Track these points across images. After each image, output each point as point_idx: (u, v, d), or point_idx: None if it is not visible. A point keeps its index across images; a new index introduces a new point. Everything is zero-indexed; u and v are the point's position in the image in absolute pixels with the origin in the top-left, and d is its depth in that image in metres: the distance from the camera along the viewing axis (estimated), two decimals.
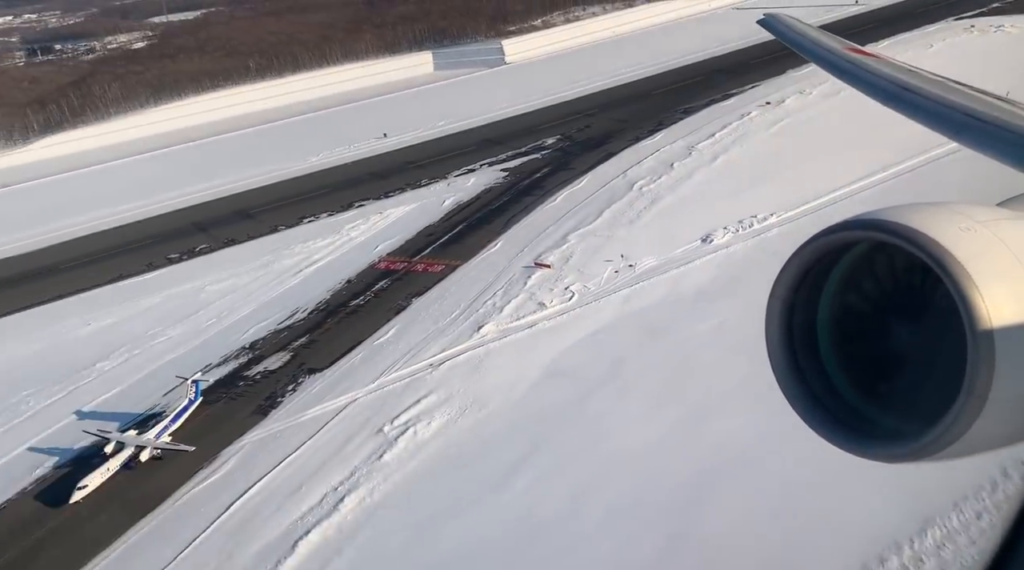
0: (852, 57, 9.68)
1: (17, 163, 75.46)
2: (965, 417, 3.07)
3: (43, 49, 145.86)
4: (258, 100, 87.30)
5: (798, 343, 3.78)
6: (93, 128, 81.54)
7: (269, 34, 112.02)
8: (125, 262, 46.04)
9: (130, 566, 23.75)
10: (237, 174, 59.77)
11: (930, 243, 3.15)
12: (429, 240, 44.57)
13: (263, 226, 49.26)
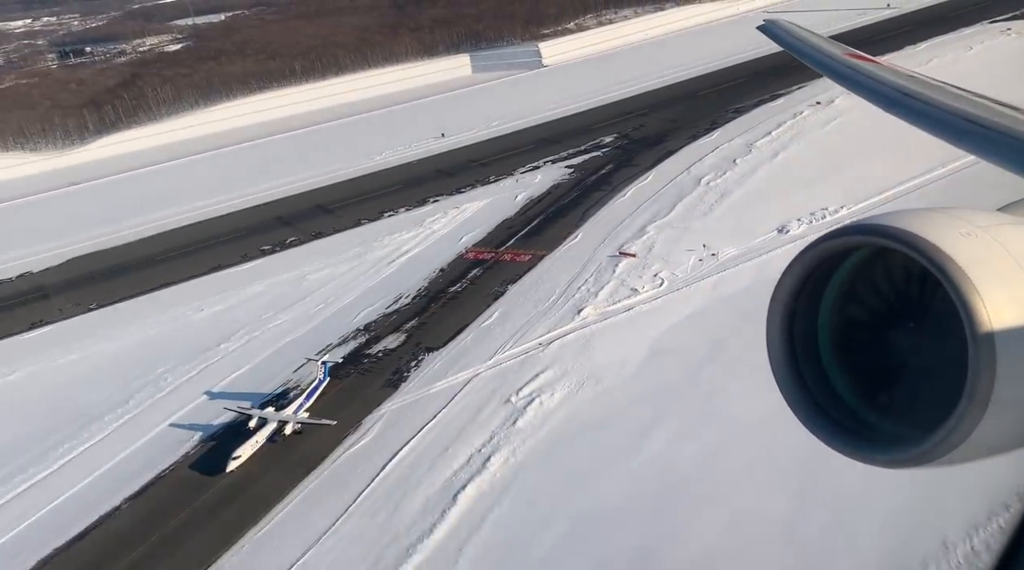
0: (852, 63, 9.83)
1: (76, 162, 78.40)
2: (967, 422, 3.07)
3: (75, 51, 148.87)
4: (304, 102, 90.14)
5: (799, 348, 3.82)
6: (147, 128, 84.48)
7: (307, 37, 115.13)
8: (220, 253, 49.02)
9: (307, 518, 26.62)
10: (305, 172, 62.75)
11: (931, 248, 3.16)
12: (510, 232, 47.55)
13: (345, 220, 52.26)
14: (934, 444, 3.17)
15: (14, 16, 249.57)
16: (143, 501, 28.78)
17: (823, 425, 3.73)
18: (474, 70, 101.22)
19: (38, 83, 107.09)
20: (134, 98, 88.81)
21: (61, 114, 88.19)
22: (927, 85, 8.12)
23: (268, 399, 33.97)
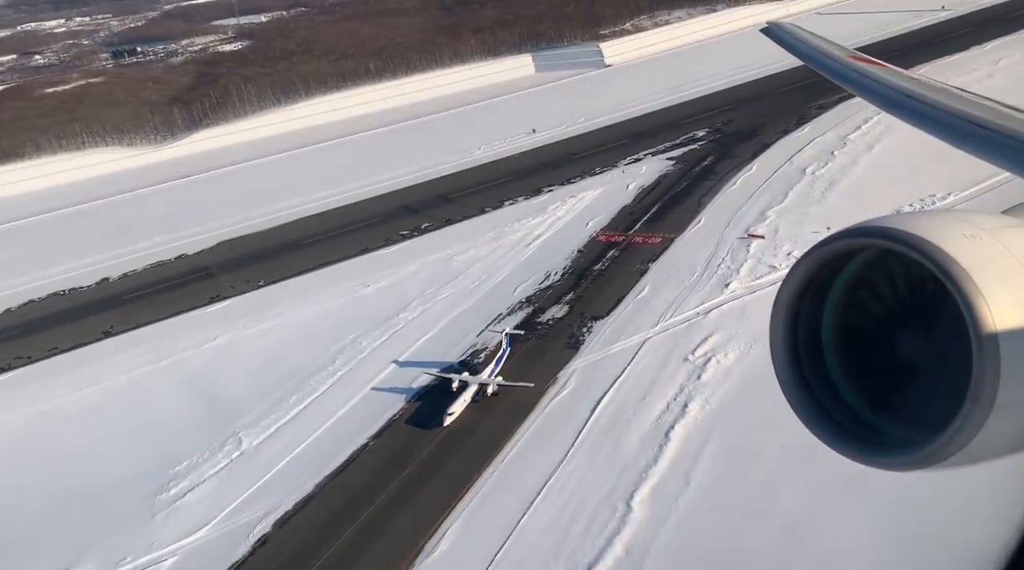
0: (855, 65, 9.94)
1: (172, 157, 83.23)
2: (971, 425, 3.12)
3: (128, 51, 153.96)
4: (376, 101, 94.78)
5: (803, 351, 3.86)
6: (234, 125, 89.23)
7: (369, 38, 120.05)
8: (363, 238, 53.74)
9: (538, 452, 31.29)
10: (411, 165, 67.44)
11: (935, 251, 3.21)
12: (632, 218, 52.27)
13: (468, 208, 57.00)
14: (939, 447, 3.21)
15: (45, 16, 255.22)
16: (380, 445, 33.43)
17: (826, 428, 3.78)
18: (537, 69, 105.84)
19: (114, 82, 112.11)
20: (219, 95, 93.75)
21: (149, 111, 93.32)
22: (930, 87, 8.27)
23: (453, 367, 38.38)
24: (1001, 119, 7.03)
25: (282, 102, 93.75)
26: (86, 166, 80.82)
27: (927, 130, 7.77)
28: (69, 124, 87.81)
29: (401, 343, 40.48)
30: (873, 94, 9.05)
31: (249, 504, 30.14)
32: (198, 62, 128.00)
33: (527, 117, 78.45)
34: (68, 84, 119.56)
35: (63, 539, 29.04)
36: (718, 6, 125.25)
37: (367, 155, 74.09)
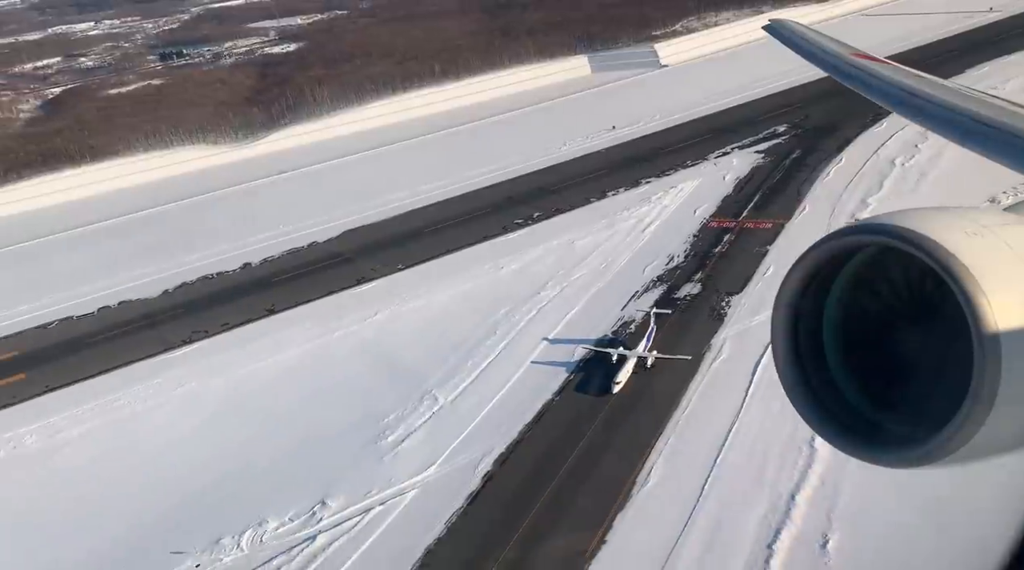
0: (858, 62, 10.08)
1: (256, 154, 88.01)
2: (972, 421, 3.18)
3: (176, 54, 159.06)
4: (441, 101, 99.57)
5: (804, 348, 3.93)
6: (311, 124, 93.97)
7: (422, 41, 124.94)
8: (481, 226, 58.37)
9: (713, 405, 35.86)
10: (502, 160, 72.14)
11: (936, 248, 3.27)
12: (737, 206, 56.98)
13: (573, 199, 61.64)
14: (939, 443, 3.29)
15: (72, 19, 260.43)
16: (561, 403, 37.90)
17: (828, 425, 3.86)
18: (593, 70, 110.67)
19: (179, 83, 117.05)
20: (295, 96, 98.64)
21: (228, 111, 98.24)
22: (933, 84, 8.38)
23: (606, 341, 42.66)
24: (1005, 116, 7.10)
25: (354, 102, 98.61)
26: (177, 163, 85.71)
27: (931, 127, 7.90)
28: (154, 124, 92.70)
29: (549, 318, 45.09)
30: (877, 92, 9.19)
31: (464, 447, 34.77)
32: (254, 64, 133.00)
33: (600, 115, 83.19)
34: (128, 86, 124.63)
35: (309, 477, 33.66)
36: (763, 8, 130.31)
37: (454, 152, 78.82)
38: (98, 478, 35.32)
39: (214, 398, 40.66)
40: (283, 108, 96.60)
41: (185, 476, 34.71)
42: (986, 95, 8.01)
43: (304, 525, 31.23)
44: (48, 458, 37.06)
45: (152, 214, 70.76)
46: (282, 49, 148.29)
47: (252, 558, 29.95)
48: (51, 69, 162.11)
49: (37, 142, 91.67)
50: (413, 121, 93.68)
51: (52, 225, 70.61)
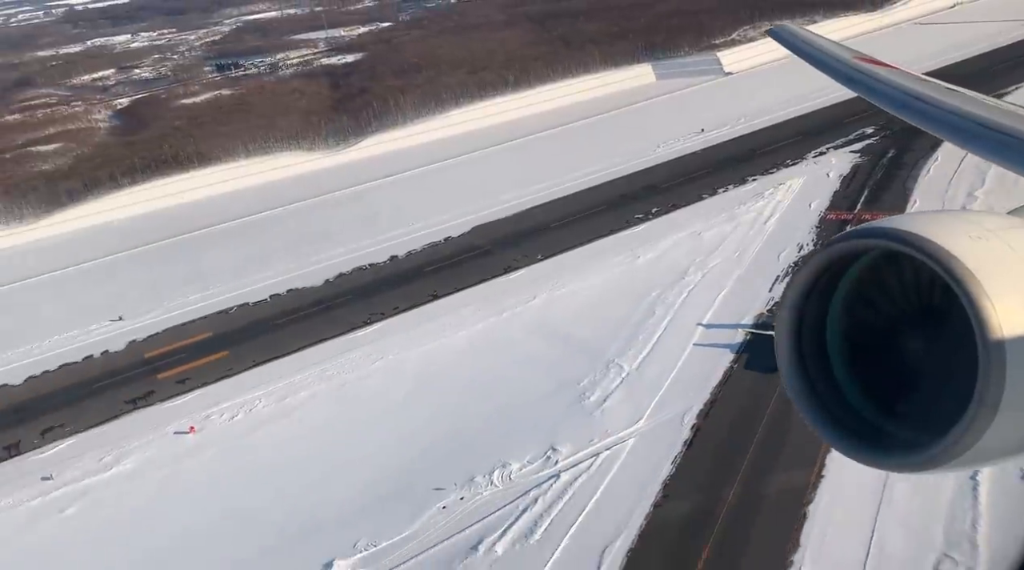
0: (861, 66, 10.42)
1: (350, 160, 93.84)
2: (977, 427, 3.27)
3: (233, 65, 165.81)
4: (515, 109, 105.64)
5: (807, 352, 4.09)
6: (398, 131, 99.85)
7: (486, 52, 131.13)
8: (603, 221, 63.53)
9: None
10: (603, 162, 77.65)
11: (940, 252, 3.35)
12: (848, 200, 62.40)
13: (687, 195, 67.05)
14: (944, 448, 3.39)
15: (106, 32, 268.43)
16: (737, 376, 42.91)
17: (832, 429, 4.00)
18: (658, 78, 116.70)
19: (255, 93, 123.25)
20: (379, 104, 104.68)
21: (312, 119, 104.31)
22: (937, 88, 8.66)
23: (762, 323, 47.74)
24: (1009, 120, 7.28)
25: (436, 110, 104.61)
26: (280, 167, 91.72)
27: (934, 131, 8.02)
28: (248, 131, 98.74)
29: (700, 300, 50.34)
30: (879, 95, 9.42)
31: (664, 405, 39.98)
32: (316, 74, 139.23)
33: (683, 119, 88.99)
34: (198, 96, 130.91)
35: (530, 431, 38.92)
36: (816, 17, 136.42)
37: (550, 155, 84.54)
38: (337, 432, 40.66)
39: (412, 369, 45.99)
40: (369, 116, 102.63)
41: (416, 431, 40.02)
42: (990, 99, 8.23)
43: (543, 466, 36.50)
44: (285, 417, 42.46)
45: (271, 215, 76.50)
46: (338, 60, 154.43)
47: (507, 493, 35.20)
48: (109, 81, 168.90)
49: (140, 149, 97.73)
50: (494, 127, 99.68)
51: (180, 226, 76.34)
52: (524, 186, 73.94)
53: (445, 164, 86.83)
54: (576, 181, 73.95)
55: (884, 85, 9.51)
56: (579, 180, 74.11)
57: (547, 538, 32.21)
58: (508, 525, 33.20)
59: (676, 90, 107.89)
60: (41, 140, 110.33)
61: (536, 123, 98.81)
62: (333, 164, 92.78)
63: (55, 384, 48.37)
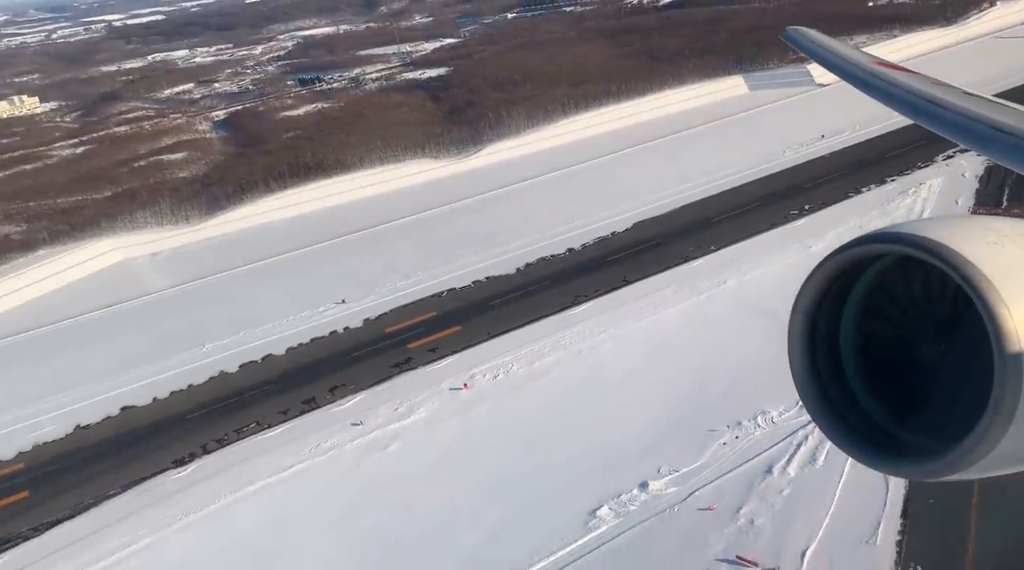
0: (877, 70, 10.86)
1: (474, 167, 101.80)
2: (992, 435, 3.33)
3: (314, 79, 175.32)
4: (614, 119, 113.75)
5: (820, 357, 4.20)
6: (516, 140, 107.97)
7: (575, 66, 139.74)
8: (761, 216, 70.89)
9: None
10: (735, 166, 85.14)
11: (957, 258, 3.41)
12: (991, 197, 69.59)
13: (832, 193, 74.14)
14: (959, 456, 3.46)
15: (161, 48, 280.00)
16: None
17: (845, 436, 4.09)
18: (750, 89, 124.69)
19: (359, 106, 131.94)
20: (492, 114, 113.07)
21: (427, 130, 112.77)
22: (954, 93, 8.99)
23: None
24: None
25: (545, 120, 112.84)
26: (411, 174, 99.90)
27: (952, 136, 8.31)
28: (367, 140, 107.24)
29: None
30: (896, 100, 9.69)
31: None
32: (403, 88, 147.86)
33: (796, 127, 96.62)
34: (299, 109, 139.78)
35: (779, 384, 46.02)
36: (895, 31, 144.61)
37: (675, 160, 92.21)
38: (592, 388, 47.90)
39: (638, 339, 53.34)
40: (484, 126, 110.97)
41: (663, 387, 47.13)
42: (1007, 103, 8.34)
43: (799, 413, 43.71)
44: (541, 376, 49.86)
45: (429, 216, 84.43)
46: (420, 75, 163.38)
47: (773, 433, 42.34)
48: (192, 94, 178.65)
49: (272, 158, 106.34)
50: (601, 136, 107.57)
51: (336, 228, 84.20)
52: (667, 187, 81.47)
53: (571, 170, 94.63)
54: (714, 182, 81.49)
55: (901, 90, 9.77)
56: (717, 182, 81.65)
57: (830, 464, 39.29)
58: (790, 455, 40.38)
59: (772, 101, 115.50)
60: (164, 149, 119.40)
61: (643, 132, 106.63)
62: (459, 170, 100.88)
63: (314, 354, 56.00)
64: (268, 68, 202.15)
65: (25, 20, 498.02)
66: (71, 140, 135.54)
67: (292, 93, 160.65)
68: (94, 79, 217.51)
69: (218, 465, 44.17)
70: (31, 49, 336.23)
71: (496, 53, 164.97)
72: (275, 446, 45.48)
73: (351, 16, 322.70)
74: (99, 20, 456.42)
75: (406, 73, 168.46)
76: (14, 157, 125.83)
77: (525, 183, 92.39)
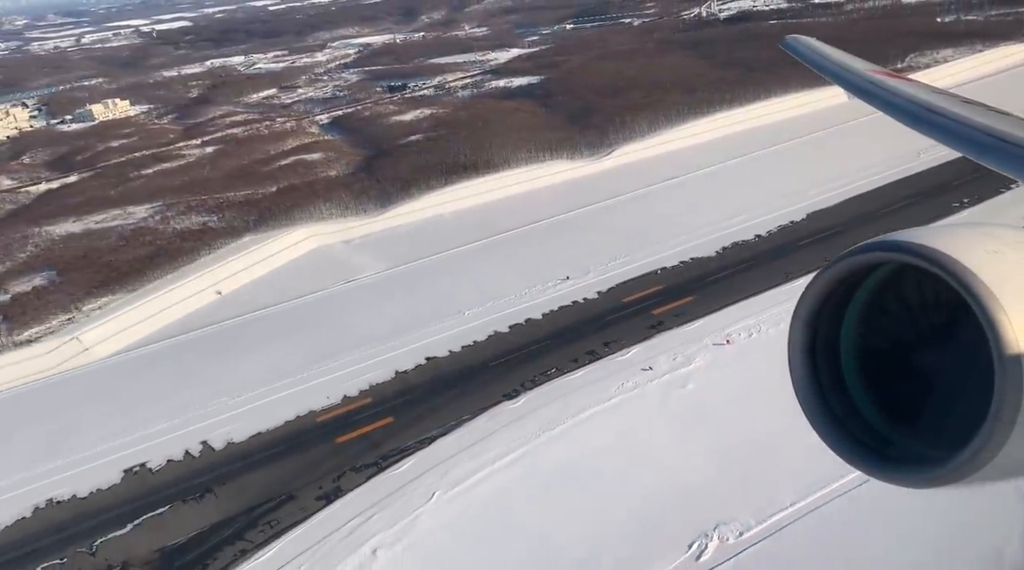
0: (876, 79, 11.81)
1: (610, 167, 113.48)
2: (993, 443, 3.48)
3: (399, 86, 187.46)
4: (726, 126, 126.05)
5: (821, 365, 4.45)
6: (642, 142, 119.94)
7: (673, 74, 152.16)
8: (928, 209, 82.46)
9: None
10: (872, 168, 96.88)
11: (957, 266, 3.60)
12: None
13: (980, 190, 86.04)
14: (959, 464, 3.62)
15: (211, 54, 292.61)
16: None
17: (845, 444, 4.33)
18: (849, 97, 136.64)
19: (472, 112, 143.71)
20: (618, 119, 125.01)
21: (554, 133, 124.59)
22: (952, 101, 9.78)
23: None
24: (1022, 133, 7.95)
25: (665, 125, 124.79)
26: (554, 174, 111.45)
27: (948, 143, 9.06)
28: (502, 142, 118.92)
29: None
30: (894, 108, 10.63)
31: None
32: (513, 95, 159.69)
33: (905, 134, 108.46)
34: (406, 114, 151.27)
35: None
36: (977, 46, 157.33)
37: (811, 160, 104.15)
38: None
39: None
40: (608, 130, 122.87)
41: None
42: (1004, 112, 9.01)
43: None
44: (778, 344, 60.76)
45: (594, 209, 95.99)
46: (507, 83, 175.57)
47: None
48: (282, 99, 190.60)
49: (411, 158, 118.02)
50: (719, 140, 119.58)
51: (506, 220, 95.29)
52: (818, 185, 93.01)
53: (710, 170, 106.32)
54: (863, 181, 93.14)
55: (898, 97, 10.28)
56: (865, 180, 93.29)
57: None
58: None
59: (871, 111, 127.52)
60: (298, 150, 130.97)
61: (761, 137, 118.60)
62: (598, 170, 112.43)
63: (569, 318, 66.46)
64: (343, 75, 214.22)
65: (46, 24, 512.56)
66: (191, 141, 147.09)
67: (386, 99, 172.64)
68: (164, 83, 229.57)
69: (543, 399, 54.98)
70: (72, 53, 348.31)
71: (584, 62, 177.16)
72: (583, 385, 56.26)
73: (393, 25, 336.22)
74: (124, 25, 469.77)
75: (492, 81, 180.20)
76: (146, 156, 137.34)
77: (675, 181, 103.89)
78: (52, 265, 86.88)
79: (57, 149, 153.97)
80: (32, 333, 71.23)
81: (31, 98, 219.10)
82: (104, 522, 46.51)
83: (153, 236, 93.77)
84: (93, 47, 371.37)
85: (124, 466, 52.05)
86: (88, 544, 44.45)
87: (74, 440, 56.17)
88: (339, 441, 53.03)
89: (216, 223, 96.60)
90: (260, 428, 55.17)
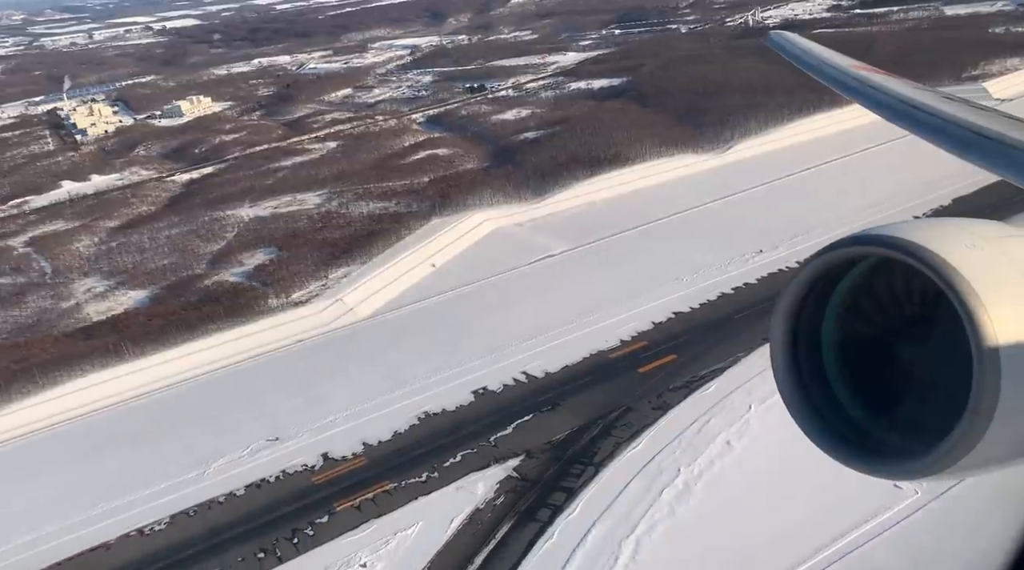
0: (859, 75, 12.20)
1: (733, 161, 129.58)
2: (970, 435, 3.71)
3: (478, 87, 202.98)
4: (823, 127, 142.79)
5: (802, 359, 4.74)
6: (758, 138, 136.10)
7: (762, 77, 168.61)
8: None
9: None
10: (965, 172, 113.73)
11: (936, 260, 3.82)
12: None
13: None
14: (938, 456, 3.88)
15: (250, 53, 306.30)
16: None
17: (825, 435, 4.62)
18: None
19: (578, 112, 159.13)
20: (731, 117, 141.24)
21: (664, 130, 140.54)
22: (935, 97, 10.21)
23: None
24: (1006, 129, 8.23)
25: (773, 123, 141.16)
26: (683, 166, 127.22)
27: (931, 140, 9.24)
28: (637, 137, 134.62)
29: None
30: (876, 104, 10.97)
31: None
32: (602, 95, 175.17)
33: None
34: (504, 113, 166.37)
35: None
36: None
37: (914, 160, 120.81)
38: None
39: None
40: (721, 127, 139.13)
41: None
42: (986, 107, 9.51)
43: None
44: None
45: (742, 197, 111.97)
46: (587, 84, 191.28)
47: None
48: (364, 98, 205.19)
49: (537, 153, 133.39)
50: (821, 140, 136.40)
51: (654, 208, 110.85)
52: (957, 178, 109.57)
53: (837, 163, 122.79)
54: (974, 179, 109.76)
55: (882, 93, 11.12)
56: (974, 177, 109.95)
57: None
58: None
59: None
60: (424, 145, 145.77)
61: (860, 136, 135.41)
62: (722, 163, 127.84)
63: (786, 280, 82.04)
64: (407, 76, 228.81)
65: (46, 20, 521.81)
66: (302, 136, 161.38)
67: (473, 100, 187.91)
68: (224, 80, 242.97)
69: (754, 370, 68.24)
70: (96, 50, 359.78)
71: (663, 65, 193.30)
72: None
73: (423, 27, 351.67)
74: (132, 22, 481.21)
75: (570, 83, 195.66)
76: (271, 149, 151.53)
77: (807, 173, 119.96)
78: (269, 243, 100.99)
79: (168, 143, 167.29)
80: (297, 297, 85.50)
81: (98, 94, 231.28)
82: (483, 426, 60.86)
83: (343, 219, 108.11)
84: (113, 43, 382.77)
85: (471, 389, 66.48)
86: (487, 438, 59.04)
87: (406, 372, 70.55)
88: (641, 371, 67.90)
89: (395, 208, 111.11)
90: (566, 362, 69.83)
